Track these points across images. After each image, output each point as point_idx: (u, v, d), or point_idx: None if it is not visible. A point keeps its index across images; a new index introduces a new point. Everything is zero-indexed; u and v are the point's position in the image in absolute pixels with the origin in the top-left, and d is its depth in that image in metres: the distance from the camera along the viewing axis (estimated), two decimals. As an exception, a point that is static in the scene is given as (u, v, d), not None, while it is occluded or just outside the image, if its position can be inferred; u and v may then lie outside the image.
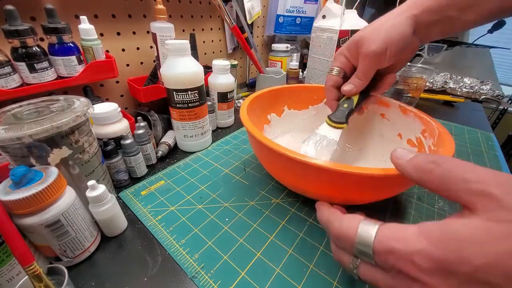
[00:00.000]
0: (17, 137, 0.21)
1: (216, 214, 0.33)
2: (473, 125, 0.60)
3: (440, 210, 0.34)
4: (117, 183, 0.36)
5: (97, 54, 0.39)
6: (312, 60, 0.63)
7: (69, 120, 0.24)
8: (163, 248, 0.28)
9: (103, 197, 0.27)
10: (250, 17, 0.67)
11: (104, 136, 0.34)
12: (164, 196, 0.35)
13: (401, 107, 0.37)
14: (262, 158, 0.33)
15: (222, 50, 0.72)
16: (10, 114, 0.25)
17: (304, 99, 0.47)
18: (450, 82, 0.78)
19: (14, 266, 0.22)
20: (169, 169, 0.41)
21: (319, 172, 0.24)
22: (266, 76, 0.62)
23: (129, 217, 0.32)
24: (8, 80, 0.32)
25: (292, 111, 0.47)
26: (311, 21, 0.82)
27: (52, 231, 0.23)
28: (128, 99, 0.53)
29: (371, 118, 0.43)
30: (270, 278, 0.25)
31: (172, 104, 0.41)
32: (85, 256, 0.27)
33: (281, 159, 0.27)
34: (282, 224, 0.31)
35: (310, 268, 0.26)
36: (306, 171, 0.26)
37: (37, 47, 0.33)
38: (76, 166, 0.27)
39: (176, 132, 0.45)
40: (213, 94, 0.52)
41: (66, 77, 0.37)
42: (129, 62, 0.51)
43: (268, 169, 0.33)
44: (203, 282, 0.25)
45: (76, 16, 0.41)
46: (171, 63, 0.38)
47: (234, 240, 0.29)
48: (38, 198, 0.21)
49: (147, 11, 0.50)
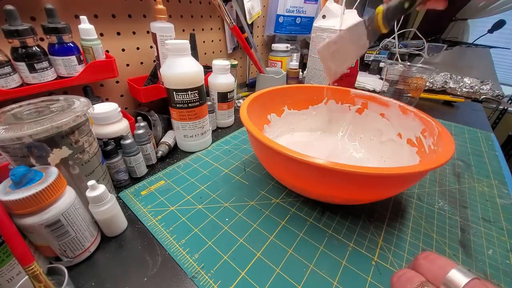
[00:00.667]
0: (17, 137, 0.21)
1: (216, 214, 0.33)
2: (473, 125, 0.60)
3: (440, 210, 0.34)
4: (117, 183, 0.36)
5: (97, 54, 0.39)
6: (312, 60, 0.63)
7: (69, 120, 0.24)
8: (163, 248, 0.28)
9: (103, 197, 0.27)
10: (250, 17, 0.67)
11: (104, 136, 0.34)
12: (164, 196, 0.35)
13: (401, 107, 0.37)
14: (262, 158, 0.33)
15: (222, 50, 0.72)
16: (10, 114, 0.25)
17: (304, 99, 0.47)
18: (450, 82, 0.78)
19: (14, 266, 0.22)
20: (169, 169, 0.41)
21: (319, 171, 0.24)
22: (266, 76, 0.62)
23: (129, 217, 0.32)
24: (8, 80, 0.32)
25: (292, 111, 0.47)
26: (311, 21, 0.82)
27: (52, 231, 0.23)
28: (128, 99, 0.53)
29: (371, 117, 0.43)
30: (270, 278, 0.25)
31: (172, 104, 0.41)
32: (85, 256, 0.27)
33: (281, 158, 0.27)
34: (282, 224, 0.31)
35: (310, 268, 0.26)
36: (306, 171, 0.26)
37: (37, 47, 0.33)
38: (76, 166, 0.27)
39: (176, 132, 0.45)
40: (213, 94, 0.52)
41: (66, 77, 0.37)
42: (129, 62, 0.51)
43: (268, 168, 0.33)
44: (203, 282, 0.25)
45: (76, 16, 0.41)
46: (171, 63, 0.38)
47: (234, 240, 0.29)
48: (38, 198, 0.21)
49: (147, 11, 0.50)
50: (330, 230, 0.31)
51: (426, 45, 0.98)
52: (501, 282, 0.25)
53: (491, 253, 0.28)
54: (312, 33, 0.60)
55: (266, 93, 0.42)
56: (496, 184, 0.39)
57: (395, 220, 0.32)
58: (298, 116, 0.48)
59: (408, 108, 0.36)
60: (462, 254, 0.28)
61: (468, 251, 0.29)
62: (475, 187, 0.39)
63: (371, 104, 0.43)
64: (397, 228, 0.31)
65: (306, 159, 0.23)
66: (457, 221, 0.32)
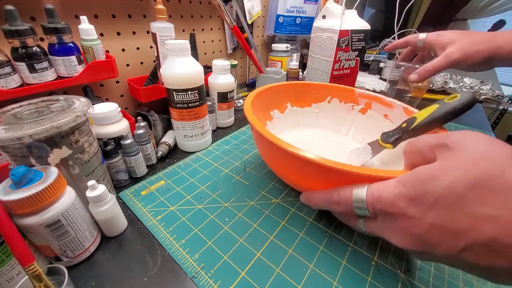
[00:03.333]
0: (17, 137, 0.21)
1: (216, 214, 0.33)
2: (473, 125, 0.60)
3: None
4: (117, 183, 0.36)
5: (97, 54, 0.39)
6: (312, 60, 0.63)
7: (69, 120, 0.24)
8: (163, 248, 0.28)
9: (103, 197, 0.27)
10: (250, 17, 0.67)
11: (104, 136, 0.34)
12: (164, 196, 0.35)
13: (405, 109, 0.37)
14: (264, 153, 0.33)
15: (222, 50, 0.72)
16: (10, 114, 0.25)
17: (307, 97, 0.47)
18: (450, 82, 0.78)
19: (14, 266, 0.22)
20: (169, 169, 0.41)
21: (313, 166, 0.24)
22: (266, 76, 0.62)
23: (129, 217, 0.32)
24: (8, 80, 0.32)
25: (295, 108, 0.47)
26: (311, 21, 0.82)
27: (52, 231, 0.23)
28: (128, 99, 0.53)
29: (374, 118, 0.43)
30: (270, 278, 0.25)
31: (172, 104, 0.41)
32: (85, 256, 0.27)
33: (281, 153, 0.27)
34: (282, 224, 0.31)
35: (310, 268, 0.26)
36: (301, 165, 0.26)
37: (37, 47, 0.33)
38: (76, 166, 0.27)
39: (176, 132, 0.45)
40: (213, 94, 0.52)
41: (66, 77, 0.37)
42: (129, 62, 0.51)
43: (270, 164, 0.33)
44: (203, 282, 0.25)
45: (76, 16, 0.41)
46: (171, 63, 0.38)
47: (234, 240, 0.29)
48: (38, 198, 0.21)
49: (147, 11, 0.50)
50: (330, 230, 0.31)
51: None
52: (501, 282, 0.25)
53: (491, 253, 0.28)
54: (312, 33, 0.60)
55: (269, 89, 0.42)
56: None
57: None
58: (301, 114, 0.48)
59: (412, 110, 0.36)
60: (462, 254, 0.28)
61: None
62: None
63: (374, 104, 0.43)
64: (397, 228, 0.31)
65: (306, 155, 0.23)
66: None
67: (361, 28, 0.55)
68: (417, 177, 0.18)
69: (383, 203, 0.20)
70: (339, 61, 0.57)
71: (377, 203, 0.20)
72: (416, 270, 0.26)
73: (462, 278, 0.26)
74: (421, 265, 0.27)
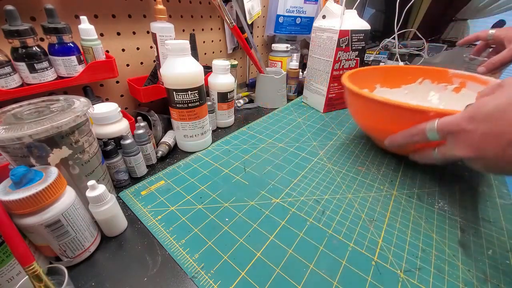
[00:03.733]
0: (17, 137, 0.21)
1: (216, 214, 0.33)
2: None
3: (440, 210, 0.34)
4: (117, 183, 0.36)
5: (97, 54, 0.39)
6: (312, 60, 0.63)
7: (69, 120, 0.24)
8: (163, 248, 0.28)
9: (103, 197, 0.27)
10: (250, 17, 0.67)
11: (104, 136, 0.34)
12: (164, 196, 0.35)
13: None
14: (362, 111, 0.39)
15: (222, 50, 0.72)
16: (10, 114, 0.25)
17: (398, 79, 0.49)
18: None
19: (14, 266, 0.22)
20: (169, 169, 0.41)
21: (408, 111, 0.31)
22: (266, 76, 0.62)
23: (129, 217, 0.32)
24: (8, 80, 0.32)
25: (384, 89, 0.49)
26: (311, 21, 0.81)
27: (52, 231, 0.23)
28: (128, 99, 0.53)
29: (467, 96, 0.45)
30: (270, 278, 0.25)
31: (172, 104, 0.41)
32: (85, 256, 0.27)
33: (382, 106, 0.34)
34: (282, 224, 0.31)
35: (310, 268, 0.26)
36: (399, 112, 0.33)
37: (37, 47, 0.33)
38: (76, 166, 0.27)
39: (176, 132, 0.45)
40: (213, 94, 0.52)
41: (66, 77, 0.37)
42: (129, 62, 0.51)
43: (365, 121, 0.39)
44: (203, 282, 0.25)
45: (76, 16, 0.41)
46: (171, 63, 0.38)
47: (234, 240, 0.29)
48: (38, 198, 0.21)
49: (147, 11, 0.50)
50: (330, 230, 0.31)
51: (426, 45, 0.98)
52: (501, 283, 0.25)
53: (491, 253, 0.28)
54: (312, 33, 0.60)
55: (361, 71, 0.45)
56: (496, 184, 0.39)
57: (395, 220, 0.32)
58: (389, 94, 0.49)
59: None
60: (461, 254, 0.28)
61: (468, 251, 0.29)
62: (475, 187, 0.39)
63: (469, 83, 0.44)
64: (397, 228, 0.31)
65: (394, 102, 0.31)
66: (457, 221, 0.32)
67: (361, 28, 0.55)
68: (475, 105, 0.25)
69: (450, 125, 0.26)
70: (339, 61, 0.57)
71: (445, 127, 0.27)
72: (416, 270, 0.26)
73: (462, 278, 0.26)
74: (421, 265, 0.27)
